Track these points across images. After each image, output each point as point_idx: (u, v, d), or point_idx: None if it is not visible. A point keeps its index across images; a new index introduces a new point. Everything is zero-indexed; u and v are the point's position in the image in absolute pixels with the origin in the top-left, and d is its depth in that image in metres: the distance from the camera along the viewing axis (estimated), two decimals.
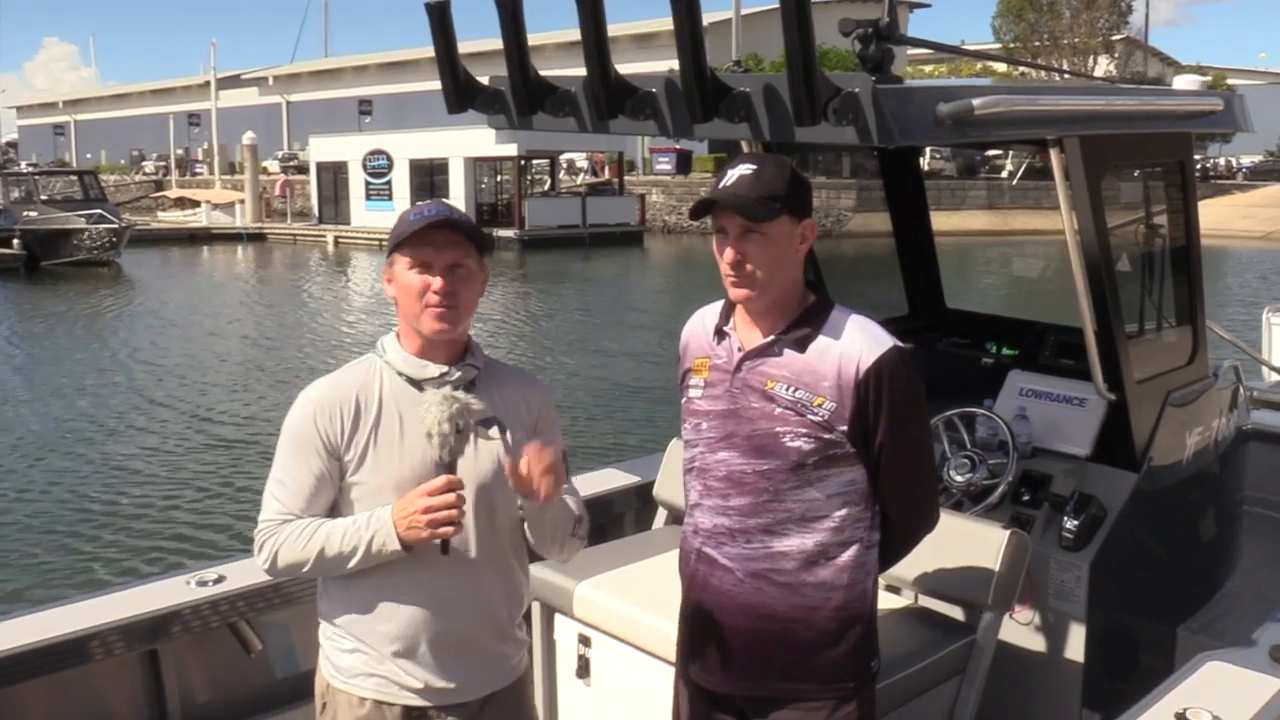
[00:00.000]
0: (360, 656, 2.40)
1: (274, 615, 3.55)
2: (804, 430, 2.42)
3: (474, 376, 2.41)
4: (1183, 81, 4.03)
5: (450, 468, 2.26)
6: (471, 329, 2.48)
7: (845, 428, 2.42)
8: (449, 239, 2.33)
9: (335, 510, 2.38)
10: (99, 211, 32.60)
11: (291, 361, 17.59)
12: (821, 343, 2.45)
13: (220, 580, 3.49)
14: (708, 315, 2.65)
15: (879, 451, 2.45)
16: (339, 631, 2.43)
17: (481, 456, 2.38)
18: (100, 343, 19.81)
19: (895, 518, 2.56)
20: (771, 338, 2.48)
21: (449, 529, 2.24)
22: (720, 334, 2.57)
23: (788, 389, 2.44)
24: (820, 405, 2.41)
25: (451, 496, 2.23)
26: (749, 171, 2.39)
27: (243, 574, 3.52)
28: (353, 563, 2.30)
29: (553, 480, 2.24)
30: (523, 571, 2.55)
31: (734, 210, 2.37)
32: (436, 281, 2.31)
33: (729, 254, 2.40)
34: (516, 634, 2.53)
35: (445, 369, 2.38)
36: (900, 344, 2.48)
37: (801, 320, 2.48)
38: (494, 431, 2.40)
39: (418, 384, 2.38)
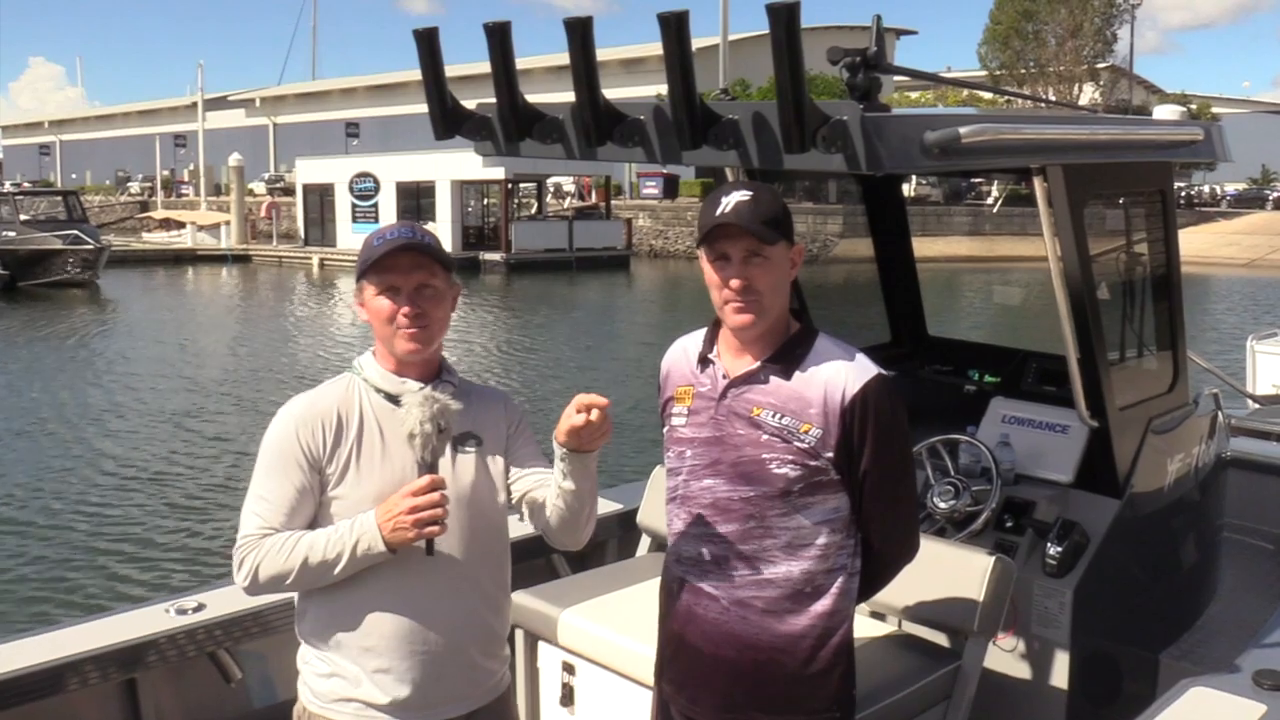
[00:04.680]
0: (338, 681, 2.38)
1: (254, 644, 3.51)
2: (790, 457, 2.42)
3: (451, 392, 2.43)
4: (1163, 111, 4.06)
5: (432, 468, 2.29)
6: (457, 352, 2.49)
7: (831, 454, 2.42)
8: (414, 261, 2.35)
9: (313, 525, 2.38)
10: (75, 233, 32.49)
11: (269, 385, 17.39)
12: (807, 369, 2.45)
13: (200, 608, 3.45)
14: (689, 343, 2.65)
15: (863, 479, 2.45)
16: (316, 654, 2.42)
17: (460, 471, 2.41)
18: (71, 365, 19.60)
19: (877, 546, 2.56)
20: (757, 364, 2.48)
21: (434, 528, 2.26)
22: (704, 361, 2.56)
23: (774, 415, 2.44)
24: (807, 432, 2.41)
25: (436, 495, 2.26)
26: (747, 198, 2.38)
27: (223, 602, 3.48)
28: (338, 569, 2.30)
29: (605, 422, 2.28)
30: (504, 586, 2.55)
31: (749, 233, 2.36)
32: (405, 305, 2.35)
33: (736, 281, 2.39)
34: (500, 649, 2.53)
35: (422, 385, 2.40)
36: (885, 372, 2.48)
37: (787, 347, 2.48)
38: (471, 445, 2.44)
39: (396, 399, 2.38)
